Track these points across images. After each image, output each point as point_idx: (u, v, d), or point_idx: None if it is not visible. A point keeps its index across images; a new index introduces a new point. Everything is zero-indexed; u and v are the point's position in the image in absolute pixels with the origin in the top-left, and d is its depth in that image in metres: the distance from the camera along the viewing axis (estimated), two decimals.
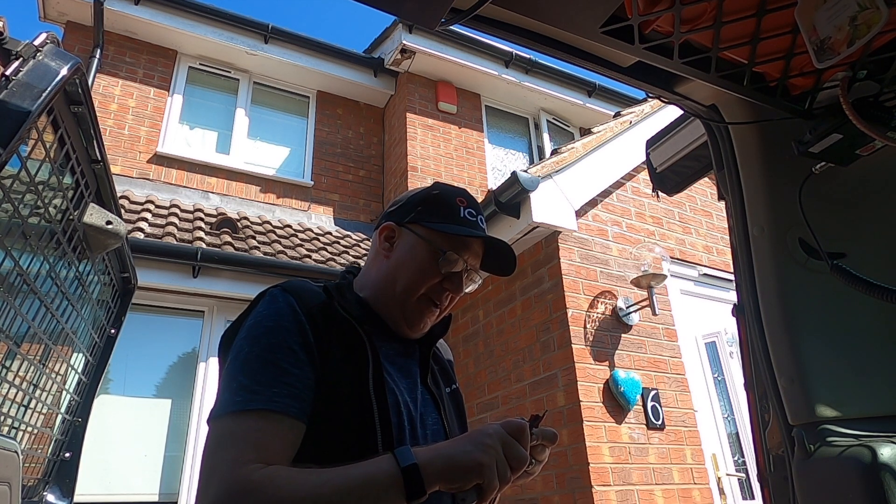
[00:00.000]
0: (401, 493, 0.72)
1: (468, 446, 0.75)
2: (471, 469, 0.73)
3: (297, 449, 0.80)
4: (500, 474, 0.74)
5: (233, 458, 0.74)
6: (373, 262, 1.07)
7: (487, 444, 0.74)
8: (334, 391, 0.86)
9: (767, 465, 1.02)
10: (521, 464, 0.76)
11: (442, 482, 0.73)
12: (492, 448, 0.74)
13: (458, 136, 6.42)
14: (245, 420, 0.78)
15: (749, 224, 1.07)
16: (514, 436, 0.77)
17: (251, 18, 6.12)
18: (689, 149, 1.55)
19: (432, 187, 1.08)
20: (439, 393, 1.06)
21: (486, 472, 0.72)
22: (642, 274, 3.51)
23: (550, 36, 0.92)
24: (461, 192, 1.07)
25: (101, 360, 2.03)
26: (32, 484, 1.75)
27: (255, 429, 0.77)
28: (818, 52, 0.85)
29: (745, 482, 3.77)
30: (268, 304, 0.90)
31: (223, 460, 0.75)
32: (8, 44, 1.06)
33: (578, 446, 3.16)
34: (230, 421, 0.79)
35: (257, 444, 0.76)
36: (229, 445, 0.76)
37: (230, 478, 0.72)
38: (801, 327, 0.98)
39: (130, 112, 5.61)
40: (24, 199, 1.22)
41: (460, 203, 1.04)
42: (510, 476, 0.75)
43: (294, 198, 6.03)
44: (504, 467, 0.74)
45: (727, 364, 4.06)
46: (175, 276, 4.09)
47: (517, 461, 0.76)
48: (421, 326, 1.03)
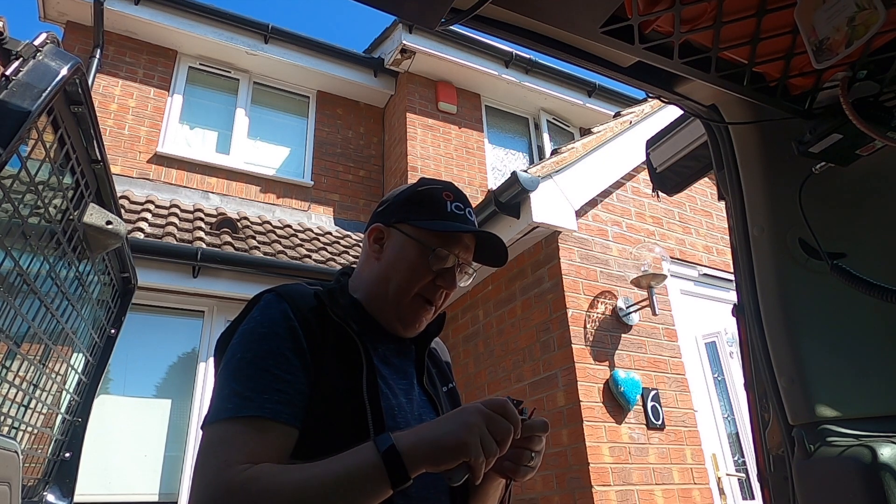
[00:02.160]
0: (385, 481, 0.72)
1: (450, 426, 0.75)
2: (454, 448, 0.73)
3: (290, 455, 0.80)
4: (486, 449, 0.74)
5: (220, 462, 0.74)
6: (364, 264, 1.06)
7: (470, 422, 0.74)
8: (328, 397, 0.86)
9: (767, 465, 1.02)
10: (507, 435, 0.76)
11: (427, 464, 0.74)
12: (475, 425, 0.74)
13: (458, 136, 6.42)
14: (235, 426, 0.78)
15: (749, 224, 1.07)
16: (496, 411, 0.77)
17: (251, 18, 6.12)
18: (689, 149, 1.55)
19: (418, 184, 1.07)
20: (436, 393, 1.05)
21: (471, 449, 0.73)
22: (642, 274, 3.51)
23: (550, 36, 0.92)
24: (447, 187, 1.06)
25: (101, 360, 2.03)
26: (32, 484, 1.75)
27: (244, 434, 0.78)
28: (817, 52, 0.85)
29: (745, 482, 3.77)
30: (262, 309, 0.90)
31: (211, 465, 0.75)
32: (8, 44, 1.06)
33: (578, 446, 3.16)
34: (221, 427, 0.79)
35: (246, 448, 0.76)
36: (218, 451, 0.76)
37: (216, 480, 0.72)
38: (801, 327, 0.98)
39: (130, 112, 5.61)
40: (24, 199, 1.22)
41: (447, 198, 1.03)
42: (496, 450, 0.75)
43: (294, 198, 6.03)
44: (489, 442, 0.74)
45: (727, 364, 4.06)
46: (175, 276, 4.09)
47: (502, 434, 0.75)
48: (416, 325, 1.03)
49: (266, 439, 0.78)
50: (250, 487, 0.71)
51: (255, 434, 0.78)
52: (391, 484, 0.72)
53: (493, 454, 0.75)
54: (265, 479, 0.72)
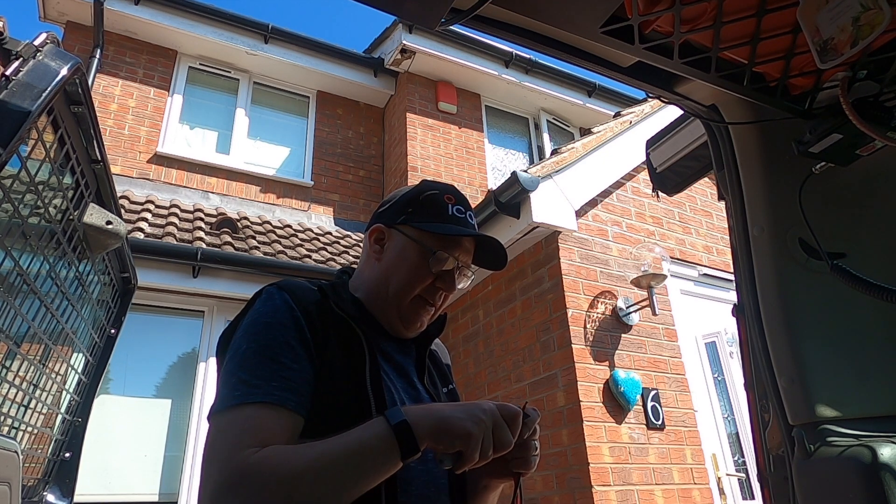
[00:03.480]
0: (395, 452, 0.73)
1: (462, 414, 0.76)
2: (458, 435, 0.74)
3: (295, 442, 0.81)
4: (483, 449, 0.75)
5: (231, 446, 0.75)
6: (365, 265, 1.07)
7: (480, 419, 0.76)
8: (332, 388, 0.86)
9: (767, 465, 1.02)
10: (505, 447, 0.78)
11: (430, 440, 0.75)
12: (483, 423, 0.76)
13: (458, 136, 6.42)
14: (244, 412, 0.79)
15: (749, 224, 1.07)
16: (507, 420, 0.79)
17: (251, 18, 6.12)
18: (689, 149, 1.55)
19: (420, 186, 1.08)
20: (436, 393, 1.06)
21: (471, 442, 0.74)
22: (642, 274, 3.51)
23: (550, 36, 0.92)
24: (449, 190, 1.07)
25: (101, 360, 2.03)
26: (32, 484, 1.75)
27: (253, 419, 0.78)
28: (821, 52, 0.85)
29: (745, 482, 3.77)
30: (265, 301, 0.91)
31: (221, 450, 0.75)
32: (8, 44, 1.06)
33: (578, 446, 3.16)
34: (229, 415, 0.79)
35: (256, 433, 0.76)
36: (228, 436, 0.77)
37: (229, 464, 0.73)
38: (801, 327, 0.98)
39: (130, 112, 5.61)
40: (24, 199, 1.22)
41: (448, 201, 1.04)
42: (490, 455, 0.77)
43: (294, 198, 6.03)
44: (489, 444, 0.76)
45: (727, 364, 4.06)
46: (175, 276, 4.09)
47: (501, 444, 0.78)
48: (417, 325, 1.04)
49: (274, 424, 0.79)
50: (262, 468, 0.72)
51: (264, 419, 0.78)
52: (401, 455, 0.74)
53: (486, 458, 0.76)
54: (276, 458, 0.73)
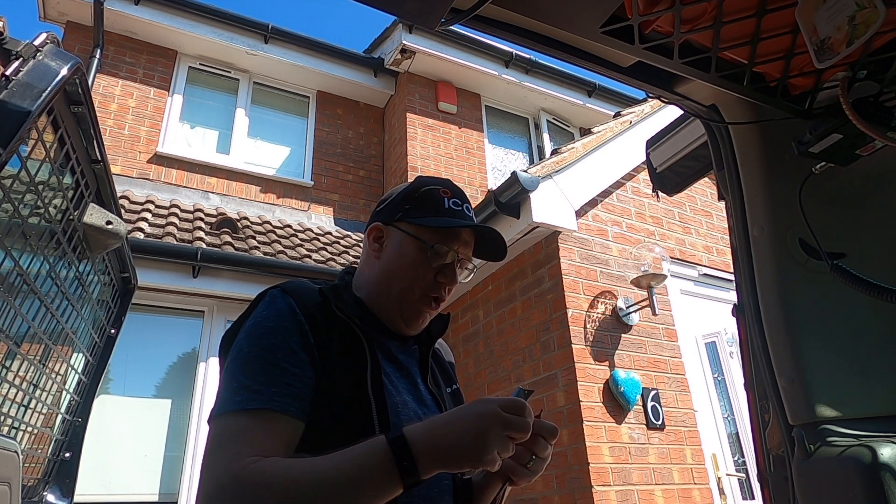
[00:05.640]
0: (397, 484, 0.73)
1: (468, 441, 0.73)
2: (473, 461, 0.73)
3: (295, 447, 0.81)
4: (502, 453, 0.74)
5: (229, 455, 0.75)
6: (365, 264, 1.07)
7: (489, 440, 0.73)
8: (334, 392, 0.86)
9: (767, 465, 1.02)
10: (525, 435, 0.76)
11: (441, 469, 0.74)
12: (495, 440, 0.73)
13: (458, 136, 6.42)
14: (243, 419, 0.79)
15: (749, 224, 1.07)
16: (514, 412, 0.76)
17: (251, 18, 6.12)
18: (689, 149, 1.55)
19: (415, 182, 1.08)
20: (440, 393, 1.05)
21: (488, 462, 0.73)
22: (642, 274, 3.51)
23: (550, 36, 0.92)
24: (445, 183, 1.07)
25: (101, 360, 2.03)
26: (32, 484, 1.75)
27: (253, 427, 0.78)
28: (818, 52, 0.85)
29: (745, 482, 3.77)
30: (268, 305, 0.91)
31: (220, 458, 0.75)
32: (8, 44, 1.05)
33: (578, 446, 3.16)
34: (229, 420, 0.79)
35: (254, 441, 0.76)
36: (227, 443, 0.77)
37: (226, 473, 0.73)
38: (801, 327, 0.98)
39: (130, 112, 5.61)
40: (24, 199, 1.22)
41: (444, 194, 1.04)
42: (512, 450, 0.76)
43: (294, 198, 6.03)
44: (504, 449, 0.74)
45: (727, 364, 4.06)
46: (175, 276, 4.09)
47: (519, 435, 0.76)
48: (420, 323, 1.03)
49: (274, 432, 0.79)
50: (259, 480, 0.72)
51: (264, 427, 0.78)
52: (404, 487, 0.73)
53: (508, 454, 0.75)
54: (274, 471, 0.73)
